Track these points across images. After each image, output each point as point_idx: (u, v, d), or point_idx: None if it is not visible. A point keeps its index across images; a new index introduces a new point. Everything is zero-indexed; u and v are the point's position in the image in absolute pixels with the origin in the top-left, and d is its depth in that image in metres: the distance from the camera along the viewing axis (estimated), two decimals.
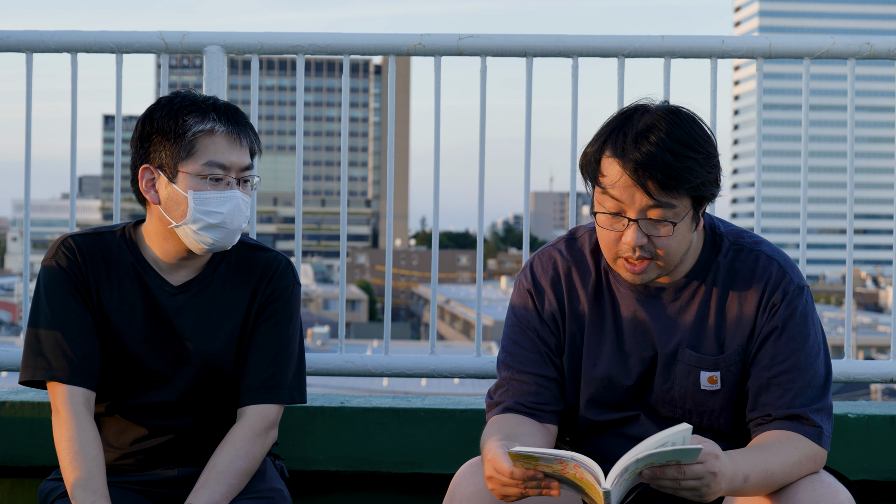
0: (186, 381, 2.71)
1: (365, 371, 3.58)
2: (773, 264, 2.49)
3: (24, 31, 3.61)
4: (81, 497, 2.54)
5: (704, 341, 2.48)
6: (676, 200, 2.35)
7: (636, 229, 2.36)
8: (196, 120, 2.62)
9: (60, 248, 2.71)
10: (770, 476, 2.34)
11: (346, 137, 3.66)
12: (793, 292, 2.47)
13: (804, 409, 2.43)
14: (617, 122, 2.40)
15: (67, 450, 2.58)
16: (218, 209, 2.62)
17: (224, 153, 2.63)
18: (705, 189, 2.37)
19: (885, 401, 6.74)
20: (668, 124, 2.34)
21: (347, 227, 3.73)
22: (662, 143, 2.32)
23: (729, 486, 2.25)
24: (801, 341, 2.45)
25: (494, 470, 2.22)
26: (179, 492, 2.74)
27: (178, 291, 2.72)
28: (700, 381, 2.48)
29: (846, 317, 3.69)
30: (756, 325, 2.47)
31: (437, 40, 3.58)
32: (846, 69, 3.62)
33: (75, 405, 2.62)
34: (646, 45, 3.57)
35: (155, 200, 2.67)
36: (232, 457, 2.64)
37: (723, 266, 2.49)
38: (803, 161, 3.62)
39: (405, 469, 3.49)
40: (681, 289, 2.50)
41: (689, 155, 2.33)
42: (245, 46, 3.63)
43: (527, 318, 2.56)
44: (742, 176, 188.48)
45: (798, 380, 2.43)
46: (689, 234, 2.41)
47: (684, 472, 2.17)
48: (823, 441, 2.45)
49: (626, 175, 2.33)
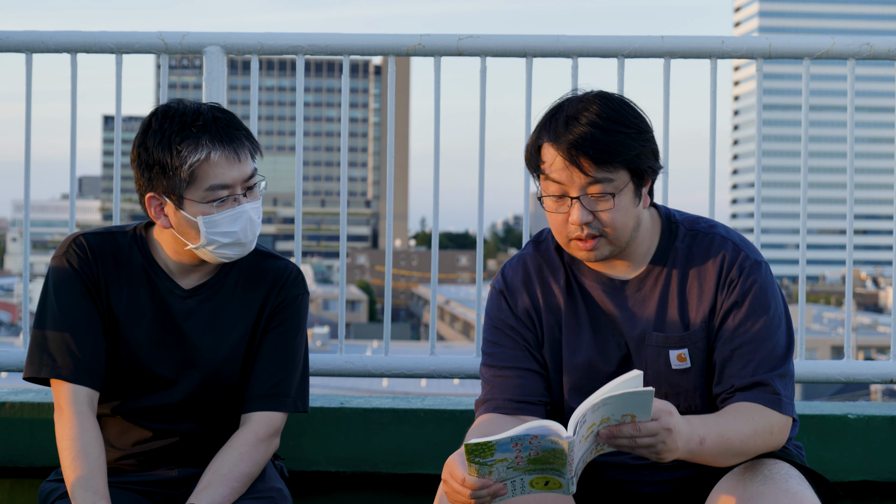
0: (191, 385, 2.71)
1: (365, 372, 3.58)
2: (728, 243, 2.56)
3: (24, 31, 3.62)
4: (82, 497, 2.54)
5: (669, 323, 2.55)
6: (613, 174, 2.44)
7: (580, 207, 2.45)
8: (190, 150, 2.58)
9: (72, 246, 2.70)
10: (726, 441, 2.38)
11: (346, 137, 3.66)
12: (750, 267, 2.53)
13: (764, 375, 2.48)
14: (550, 111, 2.52)
15: (69, 449, 2.58)
16: (229, 228, 2.62)
17: (224, 174, 2.60)
18: (641, 161, 2.46)
19: (885, 401, 6.74)
20: (597, 105, 2.46)
21: (347, 228, 3.73)
22: (592, 122, 2.43)
23: (685, 447, 2.29)
24: (762, 313, 2.51)
25: (449, 475, 2.22)
26: (179, 492, 2.74)
27: (188, 295, 2.71)
28: (670, 361, 2.54)
29: (846, 317, 3.69)
30: (717, 302, 2.53)
31: (437, 40, 3.58)
32: (846, 69, 3.62)
33: (79, 404, 2.62)
34: (646, 45, 3.57)
35: (166, 225, 2.65)
36: (236, 460, 2.64)
37: (681, 251, 2.57)
38: (803, 161, 3.62)
39: (405, 469, 3.50)
40: (643, 278, 2.57)
41: (619, 130, 2.44)
42: (245, 47, 3.63)
43: (501, 318, 2.62)
44: (742, 176, 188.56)
45: (759, 350, 2.50)
46: (633, 208, 2.49)
47: (640, 428, 2.21)
48: (784, 407, 2.49)
49: (561, 156, 2.44)
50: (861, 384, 3.67)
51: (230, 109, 2.72)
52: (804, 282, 3.61)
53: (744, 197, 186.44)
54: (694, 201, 14.59)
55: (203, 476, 2.64)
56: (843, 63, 3.62)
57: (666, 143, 3.62)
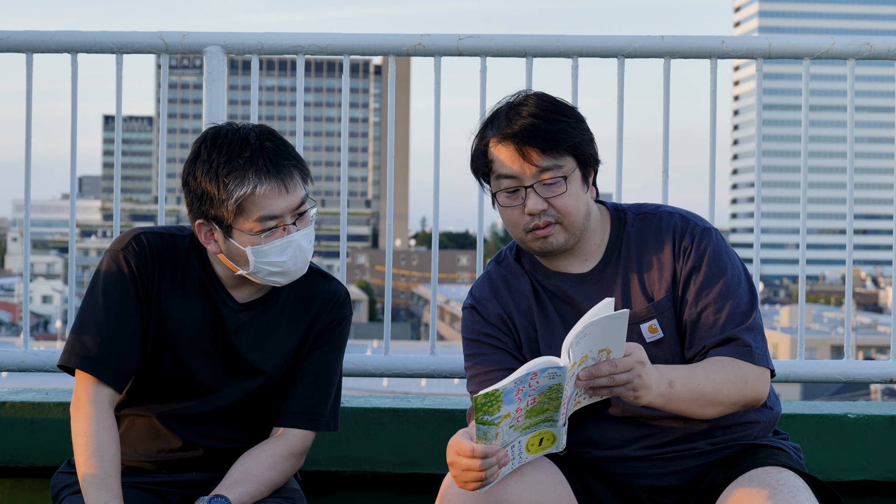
0: (231, 396, 2.71)
1: (365, 371, 3.58)
2: (676, 216, 2.65)
3: (24, 31, 3.62)
4: (95, 496, 2.53)
5: (634, 299, 2.61)
6: (561, 160, 2.54)
7: (534, 195, 2.54)
8: (236, 183, 2.55)
9: (132, 243, 2.67)
10: (697, 387, 2.46)
11: (346, 137, 3.66)
12: (700, 234, 2.62)
13: (732, 331, 2.54)
14: (489, 116, 2.62)
15: (85, 445, 2.58)
16: (278, 258, 2.61)
17: (272, 205, 2.57)
18: (583, 148, 2.57)
19: (885, 401, 6.74)
20: (535, 99, 2.58)
21: (347, 228, 3.73)
22: (533, 113, 2.55)
23: (657, 389, 2.39)
24: (720, 273, 2.58)
25: (455, 454, 2.27)
26: (194, 493, 2.74)
27: (241, 309, 2.70)
28: (643, 335, 2.60)
29: (846, 317, 3.69)
30: (676, 271, 2.61)
31: (437, 40, 3.58)
32: (846, 69, 3.63)
33: (99, 402, 2.60)
34: (646, 45, 3.57)
35: (216, 251, 2.64)
36: (268, 466, 2.66)
37: (632, 234, 2.66)
38: (803, 161, 3.62)
39: (405, 469, 3.50)
40: (602, 268, 2.64)
41: (559, 119, 2.55)
42: (245, 46, 3.63)
43: (476, 329, 2.68)
44: (742, 176, 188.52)
45: (724, 308, 2.56)
46: (584, 194, 2.59)
47: (616, 364, 2.31)
48: (757, 358, 2.55)
49: (510, 150, 2.54)
50: (861, 384, 3.67)
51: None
52: (804, 282, 3.61)
53: (744, 197, 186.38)
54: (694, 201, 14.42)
55: (232, 471, 2.65)
56: (843, 63, 3.62)
57: (666, 142, 3.62)
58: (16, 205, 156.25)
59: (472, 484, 2.28)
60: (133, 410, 2.73)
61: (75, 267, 3.70)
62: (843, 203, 31.23)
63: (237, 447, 2.73)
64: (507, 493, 2.41)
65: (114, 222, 3.57)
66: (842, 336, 3.72)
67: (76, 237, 3.70)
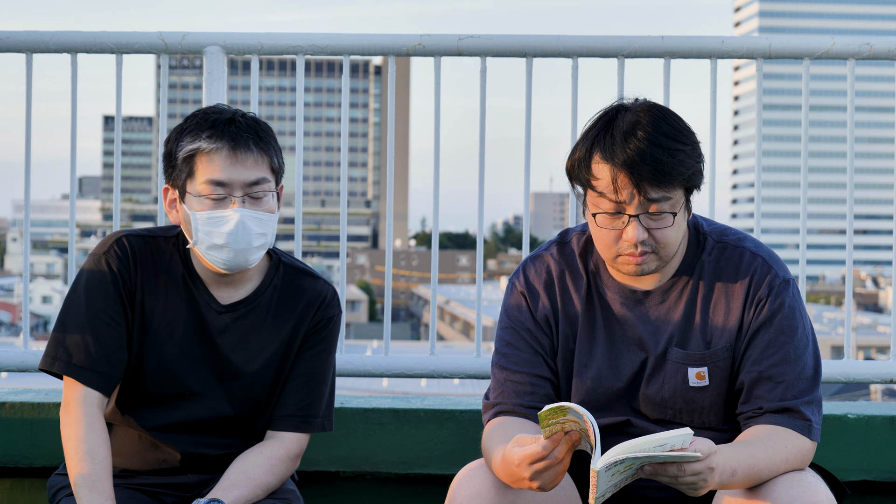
0: (218, 400, 2.69)
1: (365, 372, 3.57)
2: (758, 259, 2.51)
3: (24, 31, 3.62)
4: (88, 498, 2.52)
5: (691, 339, 2.50)
6: (672, 192, 2.38)
7: (637, 225, 2.39)
8: (190, 140, 2.57)
9: (113, 246, 2.65)
10: (756, 472, 2.36)
11: (346, 137, 3.66)
12: (779, 286, 2.48)
13: (795, 401, 2.44)
14: (601, 124, 2.42)
15: (75, 449, 2.56)
16: (219, 229, 2.57)
17: (222, 171, 2.56)
18: (696, 179, 2.42)
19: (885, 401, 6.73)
20: (651, 118, 2.38)
21: (347, 228, 3.73)
22: (651, 138, 2.36)
23: (719, 480, 2.28)
24: (791, 334, 2.46)
25: (516, 464, 2.24)
26: (189, 494, 2.73)
27: (225, 310, 2.68)
28: (689, 378, 2.49)
29: (846, 317, 3.68)
30: (744, 321, 2.48)
31: (437, 40, 3.58)
32: (846, 69, 3.62)
33: (88, 405, 2.59)
34: (646, 45, 3.57)
35: (175, 220, 2.64)
36: (266, 469, 2.65)
37: (707, 264, 2.51)
38: (803, 161, 3.62)
39: (405, 469, 3.50)
40: (667, 290, 2.52)
41: (678, 148, 2.38)
42: (245, 47, 3.63)
43: (520, 319, 2.57)
44: (742, 176, 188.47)
45: (789, 372, 2.45)
46: (685, 223, 2.46)
47: (684, 469, 2.20)
48: (813, 434, 2.46)
49: (621, 175, 2.36)
50: (861, 384, 3.67)
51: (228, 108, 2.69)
52: (804, 282, 3.61)
53: (744, 197, 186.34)
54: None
55: (228, 473, 2.63)
56: (843, 63, 3.62)
57: None
58: (16, 205, 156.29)
59: (550, 482, 2.25)
60: (125, 422, 2.71)
61: (75, 267, 3.70)
62: (843, 203, 31.08)
63: (232, 452, 2.72)
64: (517, 494, 2.38)
65: (114, 222, 3.56)
66: (842, 336, 3.71)
67: (76, 237, 3.70)
